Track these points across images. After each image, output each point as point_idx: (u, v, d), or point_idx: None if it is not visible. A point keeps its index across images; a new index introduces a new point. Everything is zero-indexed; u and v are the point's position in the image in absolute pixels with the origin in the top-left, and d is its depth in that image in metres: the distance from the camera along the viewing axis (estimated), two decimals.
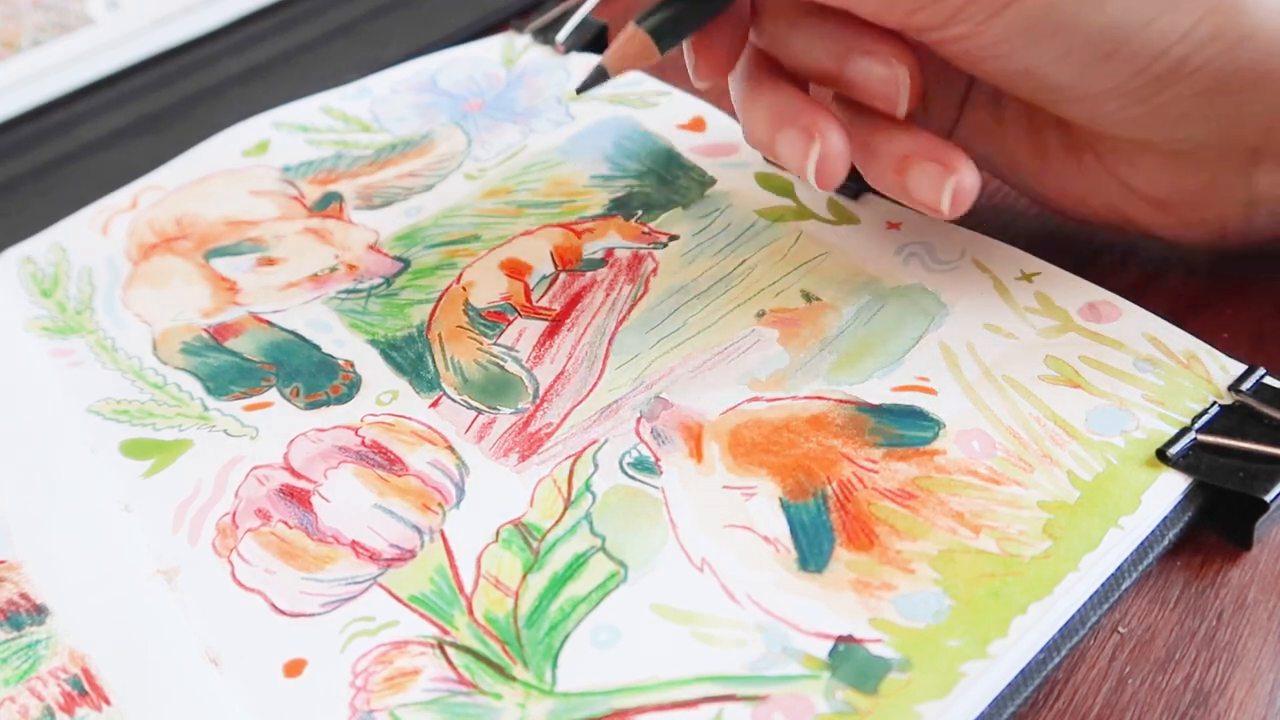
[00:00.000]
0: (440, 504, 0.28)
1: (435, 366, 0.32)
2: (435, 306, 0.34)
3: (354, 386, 0.32)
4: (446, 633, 0.25)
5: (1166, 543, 0.25)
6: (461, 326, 0.33)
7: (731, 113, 0.39)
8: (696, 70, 0.30)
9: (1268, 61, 0.24)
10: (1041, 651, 0.24)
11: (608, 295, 0.33)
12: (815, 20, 0.28)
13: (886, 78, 0.27)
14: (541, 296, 0.33)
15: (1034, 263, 0.31)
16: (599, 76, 0.29)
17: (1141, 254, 0.32)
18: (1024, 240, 0.33)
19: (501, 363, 0.32)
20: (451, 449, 0.29)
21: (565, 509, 0.27)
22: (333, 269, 0.36)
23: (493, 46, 0.44)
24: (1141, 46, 0.24)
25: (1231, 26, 0.24)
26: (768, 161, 0.36)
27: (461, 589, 0.26)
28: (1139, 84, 0.25)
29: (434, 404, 0.31)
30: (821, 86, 0.30)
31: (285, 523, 0.28)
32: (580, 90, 0.29)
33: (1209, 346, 0.28)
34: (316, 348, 0.33)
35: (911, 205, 0.29)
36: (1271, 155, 0.27)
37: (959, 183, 0.27)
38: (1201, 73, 0.25)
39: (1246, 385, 0.27)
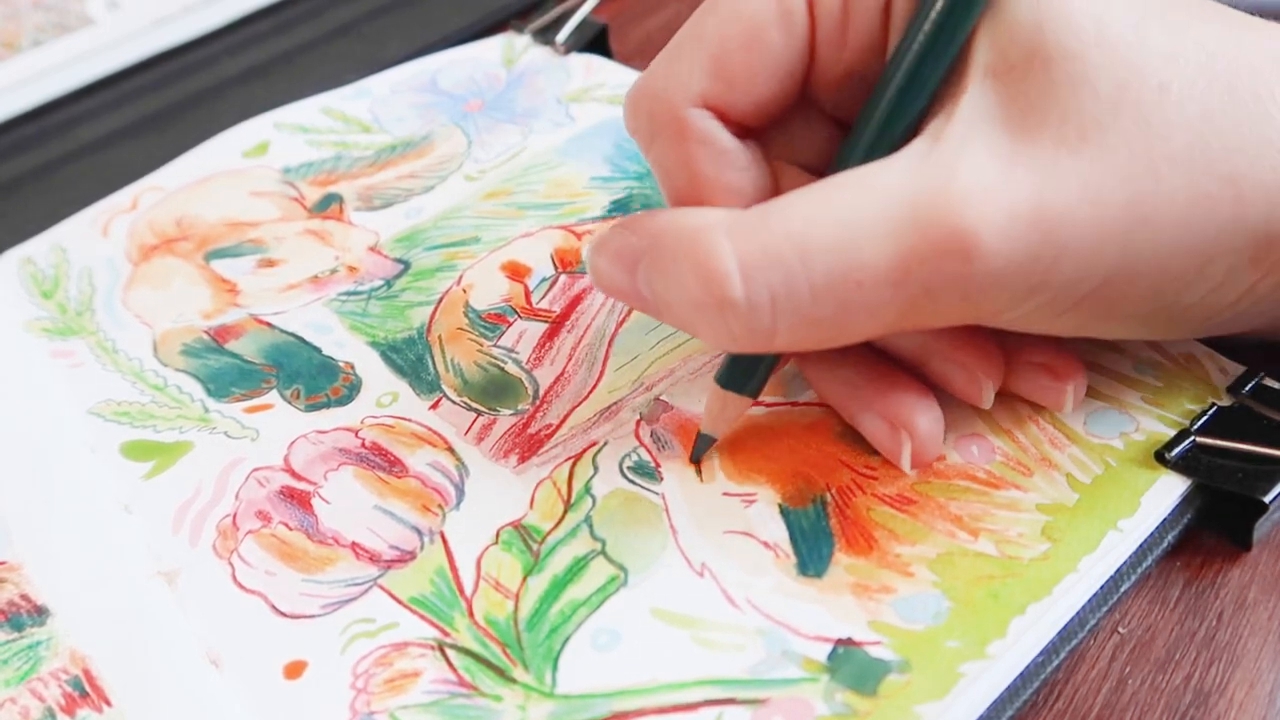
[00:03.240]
0: (440, 505, 0.28)
1: (435, 368, 0.32)
2: (435, 308, 0.34)
3: (354, 388, 0.32)
4: (447, 634, 0.25)
5: (1165, 545, 0.25)
6: (461, 328, 0.33)
7: None
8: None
9: None
10: (1041, 653, 0.24)
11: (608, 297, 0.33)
12: None
13: (969, 385, 0.27)
14: (542, 298, 0.33)
15: None
16: (707, 443, 0.28)
17: None
18: None
19: (501, 364, 0.32)
20: (451, 450, 0.30)
21: (565, 511, 0.27)
22: (333, 271, 0.36)
23: (493, 47, 0.44)
24: (1199, 312, 0.24)
25: None
26: None
27: (462, 591, 0.26)
28: (1196, 329, 0.26)
29: (434, 406, 0.31)
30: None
31: (286, 524, 0.28)
32: (695, 460, 0.28)
33: (1208, 348, 0.28)
34: (317, 350, 0.33)
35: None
36: None
37: (1078, 385, 0.27)
38: (1265, 314, 0.25)
39: (1246, 387, 0.27)
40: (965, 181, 0.22)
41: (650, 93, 0.27)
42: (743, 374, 0.27)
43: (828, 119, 0.28)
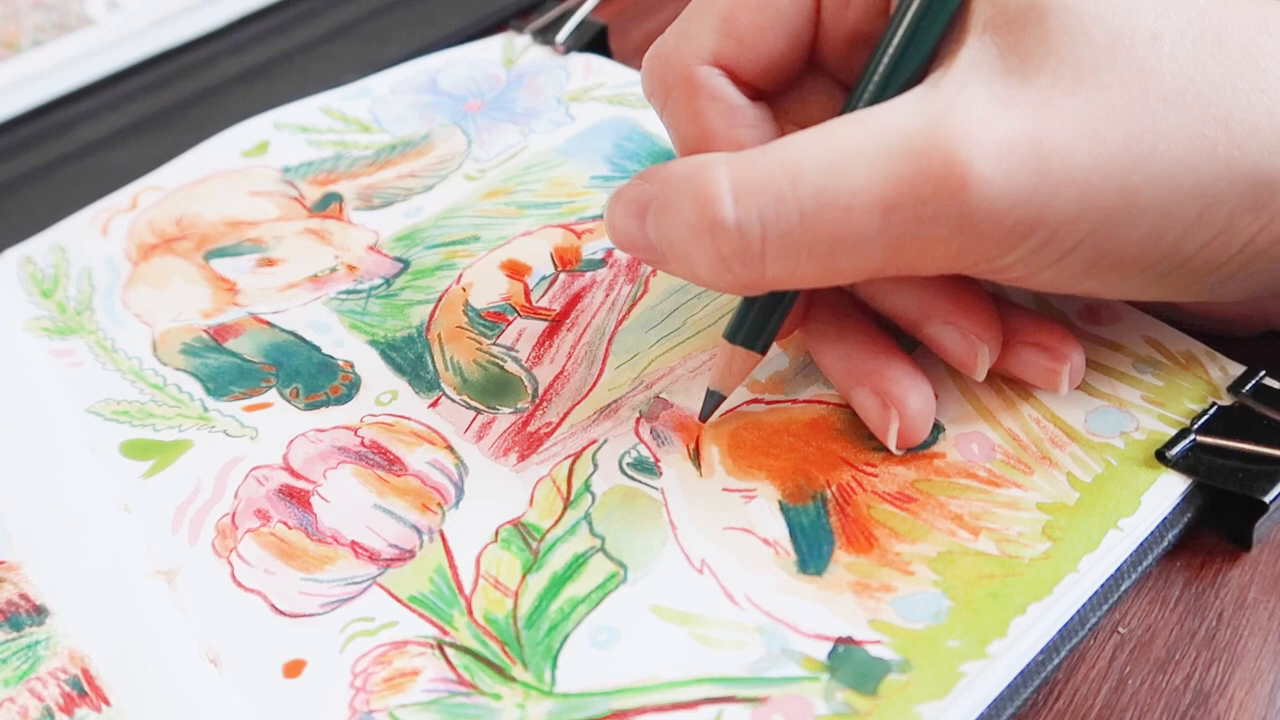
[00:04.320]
0: (439, 504, 0.28)
1: (435, 367, 0.32)
2: (435, 307, 0.34)
3: (353, 387, 0.32)
4: (446, 633, 0.25)
5: (1166, 544, 0.25)
6: (461, 327, 0.33)
7: None
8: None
9: None
10: (1041, 652, 0.24)
11: (607, 295, 0.33)
12: (891, 280, 0.27)
13: (965, 350, 0.27)
14: (541, 297, 0.33)
15: None
16: (715, 400, 0.28)
17: None
18: None
19: (501, 363, 0.32)
20: (451, 449, 0.29)
21: (565, 509, 0.27)
22: (332, 270, 0.36)
23: (493, 47, 0.44)
24: (1200, 264, 0.24)
25: None
26: None
27: (461, 589, 0.26)
28: (1198, 288, 0.25)
29: (433, 404, 0.31)
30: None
31: (285, 523, 0.28)
32: (704, 418, 0.29)
33: (1208, 348, 0.28)
34: (316, 348, 0.33)
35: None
36: None
37: (1074, 366, 0.27)
38: (1264, 273, 0.25)
39: (1246, 386, 0.27)
40: (960, 114, 0.23)
41: (663, 54, 0.28)
42: (751, 329, 0.27)
43: (836, 85, 0.28)
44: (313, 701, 0.25)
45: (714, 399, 0.28)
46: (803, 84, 0.28)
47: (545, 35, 0.44)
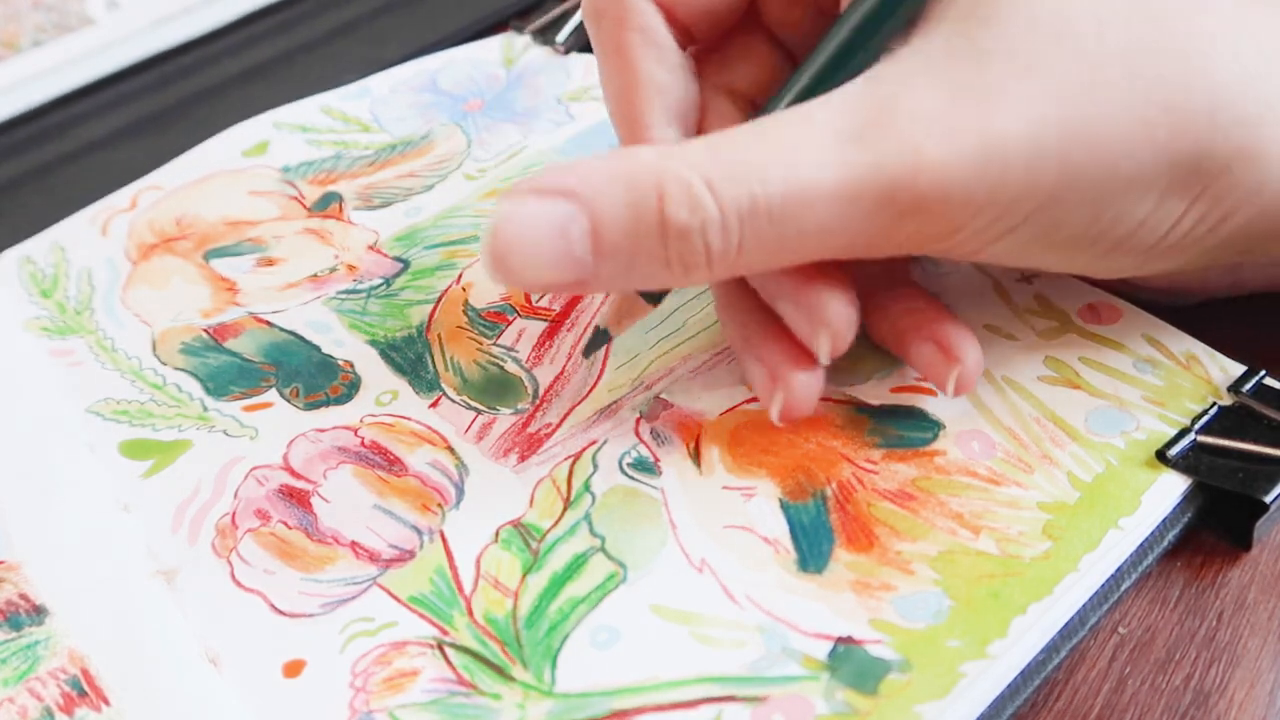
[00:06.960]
0: (440, 504, 0.28)
1: (435, 367, 0.32)
2: (435, 307, 0.34)
3: (353, 387, 0.32)
4: (446, 633, 0.25)
5: (1166, 543, 0.25)
6: (461, 327, 0.33)
7: None
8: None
9: (1253, 224, 0.25)
10: (1041, 652, 0.24)
11: (607, 295, 0.33)
12: None
13: (808, 328, 0.26)
14: (541, 297, 0.33)
15: None
16: (601, 338, 0.29)
17: None
18: None
19: (501, 363, 0.32)
20: (451, 449, 0.29)
21: (565, 509, 0.27)
22: (332, 269, 0.36)
23: (493, 46, 0.44)
24: (1138, 241, 0.25)
25: (1217, 210, 0.25)
26: None
27: (461, 589, 0.26)
28: (1139, 263, 0.26)
29: (433, 404, 0.31)
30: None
31: (285, 523, 0.28)
32: (587, 353, 0.30)
33: (1209, 347, 0.28)
34: (316, 348, 0.33)
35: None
36: (1252, 262, 0.28)
37: (965, 370, 0.27)
38: (1195, 246, 0.25)
39: (1246, 386, 0.27)
40: (911, 102, 0.24)
41: None
42: None
43: (767, 50, 0.29)
44: (313, 701, 0.25)
45: (602, 338, 0.29)
46: (733, 46, 0.29)
47: (545, 35, 0.44)
